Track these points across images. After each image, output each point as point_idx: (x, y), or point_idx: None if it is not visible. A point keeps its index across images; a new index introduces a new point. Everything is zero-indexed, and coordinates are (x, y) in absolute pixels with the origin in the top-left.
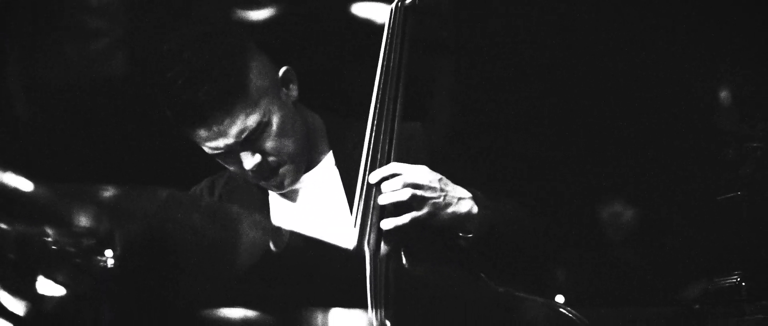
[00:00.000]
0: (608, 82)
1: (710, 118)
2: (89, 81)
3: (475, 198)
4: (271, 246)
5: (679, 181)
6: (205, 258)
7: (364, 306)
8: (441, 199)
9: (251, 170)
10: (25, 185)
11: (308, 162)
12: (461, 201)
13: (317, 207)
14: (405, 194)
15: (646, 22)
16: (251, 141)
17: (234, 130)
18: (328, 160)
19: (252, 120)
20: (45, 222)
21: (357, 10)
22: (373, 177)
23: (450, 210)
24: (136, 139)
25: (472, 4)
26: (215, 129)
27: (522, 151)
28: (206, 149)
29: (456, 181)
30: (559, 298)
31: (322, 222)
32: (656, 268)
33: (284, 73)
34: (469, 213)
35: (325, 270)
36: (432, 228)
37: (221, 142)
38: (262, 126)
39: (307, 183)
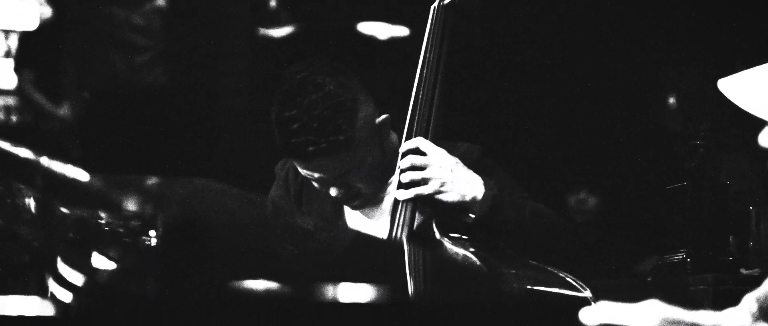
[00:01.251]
0: (576, 92)
1: (661, 121)
2: (135, 87)
3: (486, 185)
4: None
5: (634, 174)
6: (234, 237)
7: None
8: (450, 180)
9: (335, 196)
10: (82, 176)
11: (385, 179)
12: (469, 185)
13: (384, 218)
14: (418, 174)
15: (608, 37)
16: (343, 178)
17: (331, 172)
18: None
19: (349, 166)
20: (98, 207)
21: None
22: (401, 148)
23: (457, 191)
24: (174, 136)
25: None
26: (314, 167)
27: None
28: (301, 172)
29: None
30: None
31: (380, 219)
32: (614, 247)
33: (382, 120)
34: (474, 198)
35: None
36: (441, 205)
37: (316, 175)
38: (356, 169)
39: (383, 197)
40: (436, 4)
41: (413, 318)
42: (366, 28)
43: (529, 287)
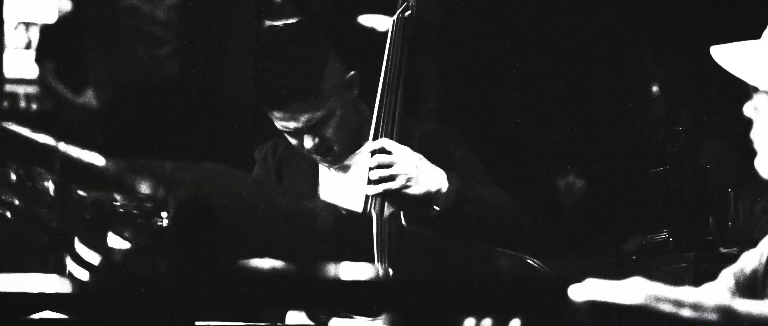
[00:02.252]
0: (565, 80)
1: (645, 107)
2: (149, 78)
3: (449, 179)
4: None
5: (619, 157)
6: (239, 218)
7: (371, 259)
8: (415, 175)
9: (308, 148)
10: (98, 161)
11: (356, 145)
12: (433, 178)
13: (357, 180)
14: (386, 171)
15: (596, 27)
16: (315, 128)
17: (304, 117)
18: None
19: (319, 113)
20: (114, 190)
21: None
22: (367, 147)
23: (422, 185)
24: (185, 124)
25: (458, 16)
26: (289, 114)
27: (499, 136)
28: (277, 125)
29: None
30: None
31: (359, 190)
32: (601, 227)
33: (350, 77)
34: (439, 191)
35: (339, 229)
36: (407, 198)
37: (291, 125)
38: (326, 118)
39: (353, 160)
40: (396, 16)
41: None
42: (366, 20)
43: (492, 269)
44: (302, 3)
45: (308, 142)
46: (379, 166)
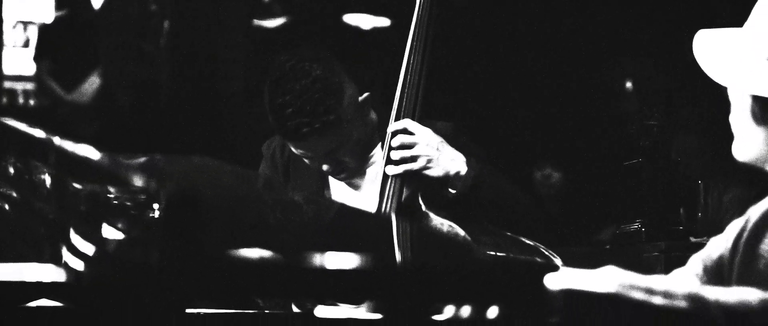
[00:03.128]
0: (543, 77)
1: (619, 103)
2: (142, 75)
3: (468, 163)
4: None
5: (594, 151)
6: (229, 210)
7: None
8: (435, 157)
9: (324, 170)
10: (93, 154)
11: (367, 155)
12: (453, 162)
13: (365, 185)
14: (408, 152)
15: (571, 24)
16: (333, 152)
17: (321, 149)
18: (378, 150)
19: (338, 143)
20: (107, 183)
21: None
22: (390, 128)
23: (442, 167)
24: (176, 119)
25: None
26: (309, 146)
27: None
28: (294, 150)
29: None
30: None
31: (366, 194)
32: (576, 217)
33: (364, 98)
34: (458, 173)
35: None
36: (426, 180)
37: (310, 153)
38: (344, 143)
39: (363, 169)
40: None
41: (401, 285)
42: (351, 19)
43: (506, 255)
44: (289, 2)
45: (325, 166)
46: (402, 147)
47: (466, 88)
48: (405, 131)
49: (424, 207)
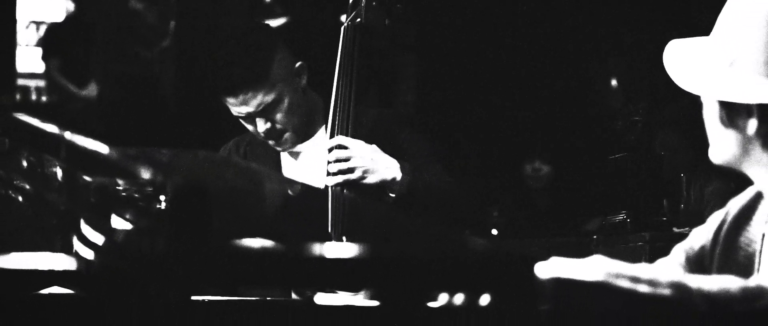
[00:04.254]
0: (532, 75)
1: (605, 100)
2: (148, 73)
3: (402, 168)
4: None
5: (581, 145)
6: (231, 201)
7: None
8: (370, 167)
9: (262, 132)
10: (102, 148)
11: (307, 132)
12: (388, 169)
13: (313, 165)
14: (344, 165)
15: (560, 25)
16: (266, 112)
17: (254, 102)
18: (322, 132)
19: (269, 98)
20: (116, 176)
21: None
22: (327, 145)
23: (377, 175)
24: (181, 115)
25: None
26: (241, 99)
27: (471, 127)
28: (233, 112)
29: (394, 154)
30: (494, 231)
31: (317, 175)
32: (564, 209)
33: (298, 66)
34: (393, 179)
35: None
36: (364, 188)
37: (244, 110)
38: (276, 103)
39: (308, 147)
40: (345, 25)
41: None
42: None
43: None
44: (289, 2)
45: (261, 126)
46: (338, 160)
47: (458, 84)
48: (340, 147)
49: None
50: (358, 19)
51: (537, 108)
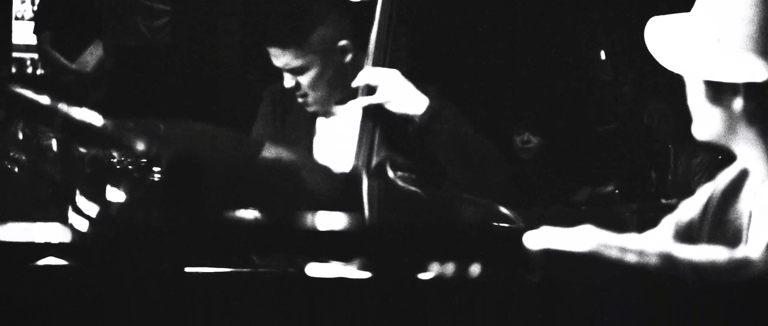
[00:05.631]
0: (522, 47)
1: (594, 71)
2: (143, 44)
3: (428, 106)
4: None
5: (571, 117)
6: (227, 173)
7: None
8: (394, 93)
9: (286, 87)
10: (97, 120)
11: (341, 99)
12: (412, 100)
13: (346, 135)
14: (369, 86)
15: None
16: (293, 72)
17: (282, 60)
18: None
19: (297, 62)
20: (111, 147)
21: None
22: (359, 79)
23: (400, 103)
24: (176, 86)
25: None
26: (272, 52)
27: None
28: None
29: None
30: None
31: (346, 145)
32: (554, 180)
33: (344, 45)
34: (418, 105)
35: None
36: (389, 113)
37: (274, 61)
38: (303, 69)
39: (341, 115)
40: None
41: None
42: None
43: (471, 217)
44: None
45: (287, 81)
46: (364, 83)
47: (446, 56)
48: (372, 73)
49: (391, 174)
50: None
51: (526, 79)
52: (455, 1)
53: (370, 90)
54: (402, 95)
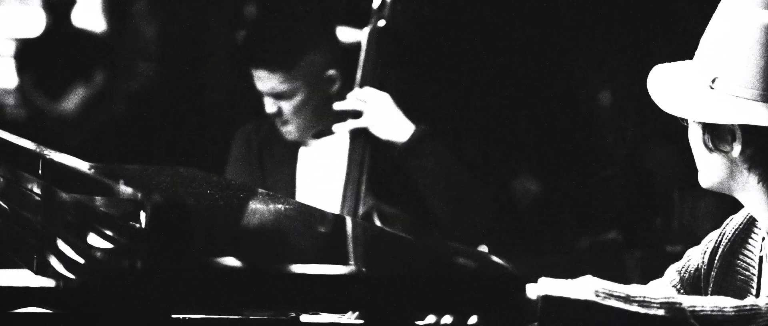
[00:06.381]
0: (526, 92)
1: (596, 115)
2: (126, 88)
3: (413, 133)
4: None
5: (572, 162)
6: (214, 219)
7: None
8: (380, 117)
9: (268, 112)
10: (81, 166)
11: (323, 130)
12: (397, 127)
13: (331, 162)
14: (355, 109)
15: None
16: (276, 98)
17: (267, 84)
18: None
19: (281, 87)
20: (95, 193)
21: None
22: (339, 105)
23: (385, 128)
24: (162, 131)
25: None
26: (256, 75)
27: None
28: (254, 79)
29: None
30: (483, 248)
31: (331, 173)
32: (556, 227)
33: (329, 75)
34: (402, 129)
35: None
36: (373, 136)
37: (258, 85)
38: (287, 95)
39: (325, 143)
40: (369, 28)
41: (382, 293)
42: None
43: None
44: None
45: (268, 106)
46: (353, 106)
47: (442, 97)
48: (359, 96)
49: (378, 223)
50: (382, 22)
51: (524, 121)
52: (451, 38)
53: (356, 114)
54: (387, 119)
